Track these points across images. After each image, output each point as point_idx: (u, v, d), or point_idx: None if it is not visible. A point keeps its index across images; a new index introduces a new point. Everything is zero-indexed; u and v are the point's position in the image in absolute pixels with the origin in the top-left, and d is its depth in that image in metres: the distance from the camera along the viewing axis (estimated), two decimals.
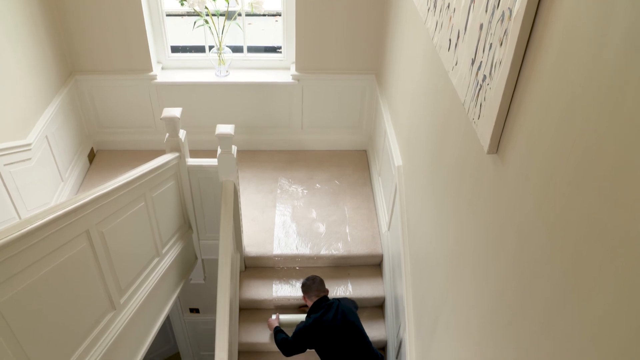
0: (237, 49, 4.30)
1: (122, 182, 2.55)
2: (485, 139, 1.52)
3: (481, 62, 1.56)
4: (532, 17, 1.25)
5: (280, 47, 4.36)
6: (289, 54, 4.25)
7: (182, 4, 3.88)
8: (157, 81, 4.15)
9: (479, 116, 1.58)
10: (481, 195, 1.64)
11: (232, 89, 4.24)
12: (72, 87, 4.03)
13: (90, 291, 2.43)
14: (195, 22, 4.01)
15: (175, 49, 4.34)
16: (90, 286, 2.43)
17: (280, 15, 4.20)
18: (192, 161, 3.26)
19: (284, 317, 3.45)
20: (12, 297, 1.93)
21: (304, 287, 3.26)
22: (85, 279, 2.38)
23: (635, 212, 0.84)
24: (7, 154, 3.10)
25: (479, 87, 1.58)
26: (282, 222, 3.91)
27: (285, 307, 3.62)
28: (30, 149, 3.34)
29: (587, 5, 1.03)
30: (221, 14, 4.01)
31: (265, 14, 4.87)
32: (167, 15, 4.14)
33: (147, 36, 3.95)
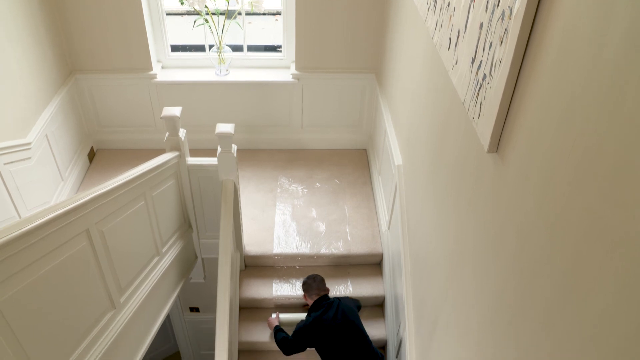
0: (237, 48, 4.30)
1: (122, 181, 2.55)
2: (485, 138, 1.52)
3: (481, 61, 1.56)
4: (532, 16, 1.25)
5: (280, 46, 4.36)
6: (289, 53, 4.25)
7: (182, 3, 3.88)
8: (157, 80, 4.15)
9: (479, 115, 1.57)
10: (481, 194, 1.64)
11: (232, 88, 4.24)
12: (72, 86, 4.03)
13: (90, 290, 2.43)
14: (195, 21, 4.00)
15: (175, 48, 4.34)
16: (90, 285, 2.43)
17: (280, 14, 4.20)
18: (192, 160, 3.26)
19: (284, 316, 3.45)
20: (12, 296, 1.93)
21: (304, 286, 3.26)
22: (85, 278, 2.38)
23: (635, 212, 0.84)
24: (7, 152, 3.10)
25: (479, 86, 1.58)
26: (282, 221, 3.91)
27: (285, 306, 3.62)
28: (30, 148, 3.33)
29: (587, 4, 1.02)
30: (221, 13, 4.01)
31: (265, 13, 4.87)
32: (167, 14, 4.13)
33: (147, 35, 3.95)
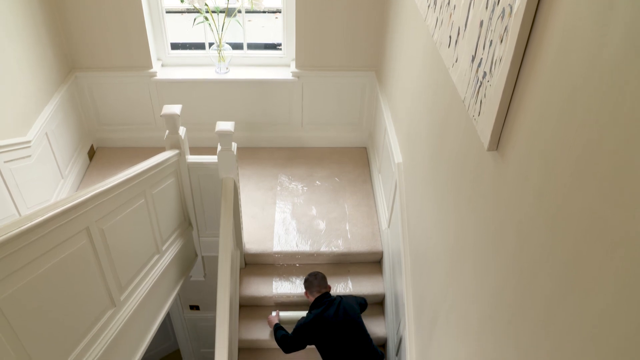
0: (237, 46, 4.29)
1: (122, 179, 2.55)
2: (485, 135, 1.52)
3: (481, 59, 1.55)
4: (533, 13, 1.24)
5: (280, 44, 4.36)
6: (289, 51, 4.24)
7: (182, 1, 3.87)
8: (157, 78, 4.15)
9: (479, 113, 1.57)
10: (481, 192, 1.64)
11: (232, 86, 4.23)
12: (72, 84, 4.02)
13: (90, 288, 2.44)
14: (195, 19, 4.00)
15: (175, 46, 4.34)
16: (90, 283, 2.43)
17: (280, 12, 4.19)
18: (192, 158, 3.26)
19: (284, 314, 3.45)
20: (12, 294, 1.93)
21: (306, 283, 3.27)
22: (85, 276, 2.38)
23: (635, 212, 0.84)
24: (7, 151, 3.09)
25: (479, 84, 1.58)
26: (282, 219, 3.91)
27: (285, 304, 3.62)
28: (30, 146, 3.33)
29: (587, 1, 1.02)
30: (221, 11, 4.00)
31: (265, 11, 4.86)
32: (167, 12, 4.13)
33: (147, 33, 3.95)
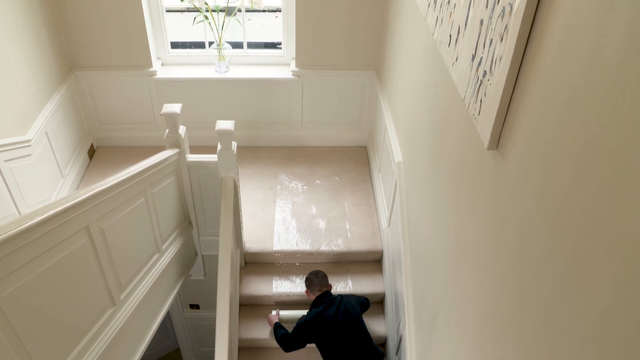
0: (237, 45, 4.29)
1: (122, 178, 2.55)
2: (485, 134, 1.52)
3: (481, 57, 1.55)
4: (533, 12, 1.24)
5: (280, 43, 4.35)
6: (289, 50, 4.24)
7: (182, 0, 3.87)
8: (157, 77, 4.15)
9: (479, 112, 1.57)
10: (481, 191, 1.64)
11: (232, 85, 4.23)
12: (72, 83, 4.02)
13: (90, 287, 2.44)
14: (195, 18, 4.00)
15: (175, 45, 4.34)
16: (90, 282, 2.43)
17: (280, 11, 4.19)
18: (192, 157, 3.26)
19: (284, 313, 3.45)
20: (12, 293, 1.93)
21: (307, 282, 3.27)
22: (85, 275, 2.38)
23: (635, 212, 0.84)
24: (7, 150, 3.09)
25: (479, 82, 1.58)
26: (282, 218, 3.91)
27: (285, 303, 3.62)
28: (30, 145, 3.33)
29: (588, 1, 1.02)
30: (221, 10, 4.00)
31: (265, 10, 4.85)
32: (167, 11, 4.13)
33: (147, 32, 3.95)
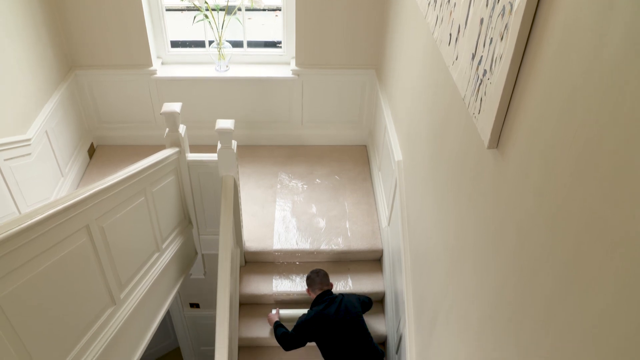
0: (237, 44, 4.29)
1: (122, 177, 2.55)
2: (485, 133, 1.52)
3: (482, 56, 1.55)
4: (533, 11, 1.24)
5: (280, 42, 4.35)
6: (289, 49, 4.24)
7: None
8: (157, 76, 4.14)
9: (480, 111, 1.57)
10: (481, 190, 1.64)
11: (232, 83, 4.23)
12: (72, 82, 4.02)
13: (90, 286, 2.44)
14: (195, 17, 4.00)
15: (175, 44, 4.33)
16: (90, 281, 2.43)
17: (280, 10, 4.18)
18: (192, 156, 3.26)
19: (284, 312, 3.46)
20: (12, 292, 1.93)
21: (308, 280, 3.28)
22: (85, 274, 2.38)
23: (635, 211, 0.84)
24: (7, 149, 3.09)
25: (479, 81, 1.58)
26: (282, 217, 3.91)
27: (285, 302, 3.62)
28: (30, 144, 3.33)
29: (588, 0, 1.02)
30: (221, 9, 4.00)
31: (265, 9, 4.85)
32: (167, 10, 4.13)
33: (147, 31, 3.94)
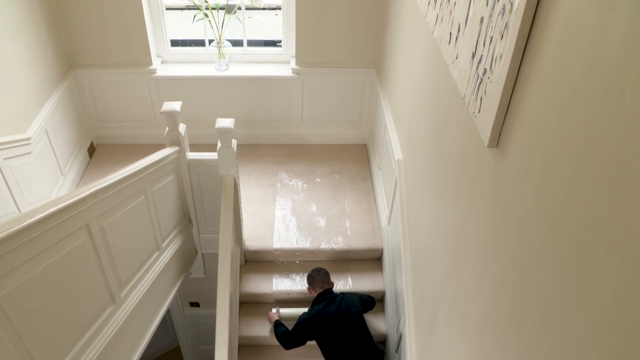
0: (237, 43, 4.29)
1: (122, 175, 2.55)
2: (485, 132, 1.52)
3: (482, 55, 1.55)
4: (533, 10, 1.24)
5: (280, 41, 4.35)
6: (289, 48, 4.24)
7: None
8: (156, 75, 4.14)
9: (480, 110, 1.57)
10: (481, 189, 1.64)
11: (232, 82, 4.23)
12: (72, 81, 4.02)
13: (90, 285, 2.44)
14: (195, 16, 3.99)
15: (175, 43, 4.33)
16: (90, 280, 2.43)
17: (280, 8, 4.18)
18: (192, 155, 3.26)
19: (284, 311, 3.46)
20: (12, 291, 1.93)
21: (309, 279, 3.29)
22: (85, 273, 2.38)
23: (636, 209, 0.84)
24: (7, 147, 3.09)
25: (479, 80, 1.57)
26: (282, 216, 3.91)
27: (285, 301, 3.62)
28: (30, 143, 3.33)
29: None
30: (221, 8, 4.00)
31: (265, 8, 4.85)
32: (167, 8, 4.12)
33: (147, 30, 3.94)
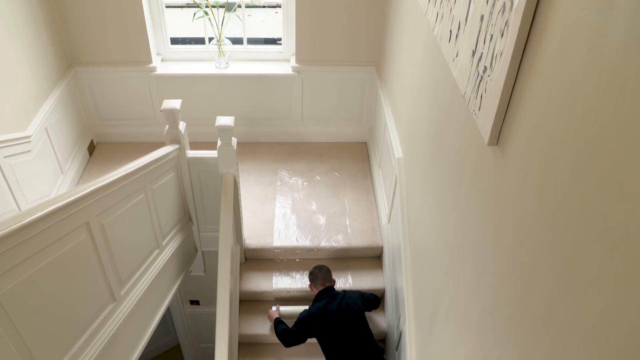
0: (236, 41, 4.28)
1: (122, 173, 2.55)
2: (485, 130, 1.52)
3: (482, 53, 1.55)
4: (534, 7, 1.24)
5: (280, 39, 4.34)
6: (289, 46, 4.23)
7: None
8: (156, 73, 4.14)
9: (480, 108, 1.57)
10: (481, 187, 1.64)
11: (232, 80, 4.22)
12: (72, 79, 4.01)
13: (90, 283, 2.44)
14: (195, 14, 3.99)
15: (175, 41, 4.33)
16: (90, 278, 2.43)
17: (280, 6, 4.18)
18: (192, 153, 3.25)
19: (284, 309, 3.46)
20: (12, 289, 1.93)
21: (311, 276, 3.29)
22: (85, 271, 2.38)
23: (636, 208, 0.84)
24: (7, 146, 3.09)
25: (479, 78, 1.57)
26: (282, 214, 3.91)
27: (285, 298, 3.63)
28: (30, 141, 3.33)
29: None
30: (221, 6, 3.99)
31: (265, 6, 4.84)
32: (167, 6, 4.12)
33: (147, 28, 3.94)
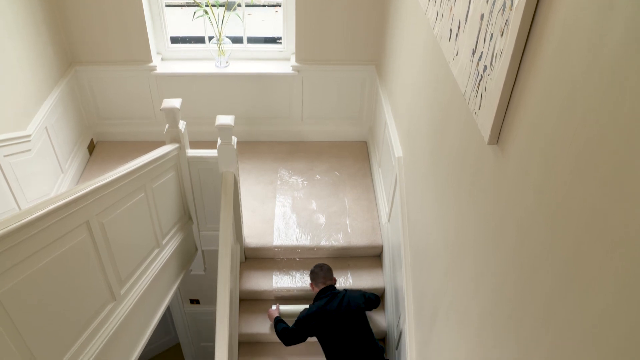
0: (236, 40, 4.28)
1: (122, 173, 2.55)
2: (485, 129, 1.52)
3: (482, 52, 1.55)
4: (534, 6, 1.24)
5: (280, 38, 4.34)
6: (289, 45, 4.23)
7: None
8: (156, 72, 4.14)
9: (480, 107, 1.57)
10: (481, 186, 1.64)
11: (232, 79, 4.22)
12: (72, 78, 4.01)
13: (90, 282, 2.44)
14: (194, 13, 3.99)
15: (174, 40, 4.33)
16: (90, 277, 2.43)
17: (280, 5, 4.18)
18: (192, 152, 3.25)
19: (284, 308, 3.46)
20: (12, 288, 1.93)
21: (311, 275, 3.29)
22: (85, 270, 2.38)
23: (636, 208, 0.84)
24: (7, 145, 3.09)
25: (479, 77, 1.57)
26: (282, 213, 3.91)
27: (285, 297, 3.63)
28: (29, 140, 3.33)
29: None
30: (221, 5, 3.99)
31: (265, 5, 4.84)
32: (167, 5, 4.11)
33: (147, 27, 3.93)
